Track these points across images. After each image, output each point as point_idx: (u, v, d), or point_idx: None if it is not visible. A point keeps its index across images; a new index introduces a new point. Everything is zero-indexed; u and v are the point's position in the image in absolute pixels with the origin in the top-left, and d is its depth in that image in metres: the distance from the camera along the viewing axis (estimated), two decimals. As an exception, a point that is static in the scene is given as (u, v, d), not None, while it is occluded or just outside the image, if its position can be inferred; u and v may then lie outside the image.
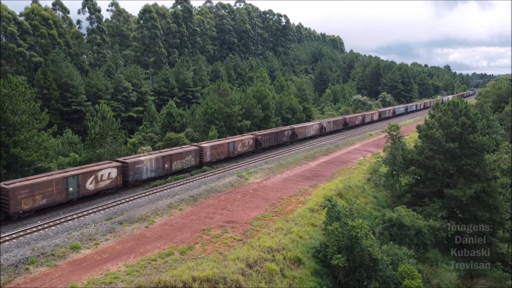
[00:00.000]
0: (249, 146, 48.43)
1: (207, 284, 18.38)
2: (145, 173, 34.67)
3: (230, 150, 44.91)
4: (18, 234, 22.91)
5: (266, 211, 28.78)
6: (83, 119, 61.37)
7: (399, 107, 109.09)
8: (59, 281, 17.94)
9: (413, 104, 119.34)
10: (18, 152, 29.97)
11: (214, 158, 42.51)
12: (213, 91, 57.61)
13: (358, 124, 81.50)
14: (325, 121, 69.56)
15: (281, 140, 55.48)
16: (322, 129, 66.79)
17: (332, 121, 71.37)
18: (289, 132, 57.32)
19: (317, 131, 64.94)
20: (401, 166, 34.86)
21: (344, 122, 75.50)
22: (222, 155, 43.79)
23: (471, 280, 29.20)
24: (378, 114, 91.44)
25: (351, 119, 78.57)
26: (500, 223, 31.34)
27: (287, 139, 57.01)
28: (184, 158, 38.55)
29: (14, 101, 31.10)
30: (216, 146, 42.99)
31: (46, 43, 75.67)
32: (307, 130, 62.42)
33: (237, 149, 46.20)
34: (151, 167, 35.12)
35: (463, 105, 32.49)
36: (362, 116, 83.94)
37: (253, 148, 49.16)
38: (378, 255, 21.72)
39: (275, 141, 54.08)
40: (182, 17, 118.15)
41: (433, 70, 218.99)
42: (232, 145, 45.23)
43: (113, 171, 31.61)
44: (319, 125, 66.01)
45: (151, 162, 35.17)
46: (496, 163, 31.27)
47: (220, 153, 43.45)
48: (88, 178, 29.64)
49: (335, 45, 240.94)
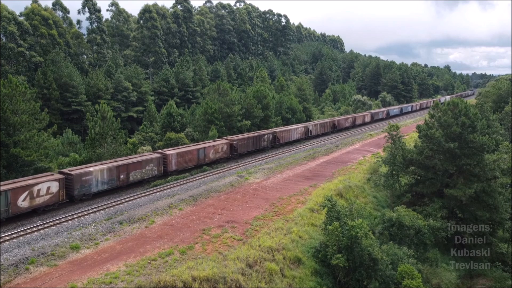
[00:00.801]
0: (223, 152, 44.21)
1: (207, 284, 18.39)
2: (95, 186, 30.62)
3: (200, 157, 40.79)
4: (18, 234, 22.91)
5: (266, 211, 28.79)
6: (83, 119, 61.41)
7: (393, 108, 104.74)
8: (59, 281, 17.95)
9: (408, 105, 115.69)
10: (18, 152, 30.00)
11: (180, 167, 38.62)
12: (213, 91, 57.66)
13: (348, 127, 77.49)
14: (311, 123, 65.66)
15: (260, 145, 51.13)
16: (308, 133, 62.64)
17: (319, 123, 67.14)
18: (269, 136, 53.19)
19: (302, 134, 60.70)
20: (401, 166, 34.88)
21: (332, 125, 71.42)
22: (190, 163, 39.85)
23: (471, 280, 29.22)
24: (370, 116, 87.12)
25: (340, 122, 74.42)
26: (500, 223, 31.36)
27: (267, 144, 52.93)
28: (144, 168, 34.75)
29: (14, 101, 31.14)
30: (183, 153, 38.92)
31: (46, 43, 75.72)
32: (290, 133, 57.92)
33: (209, 155, 42.07)
34: (102, 178, 31.12)
35: (463, 105, 32.51)
36: (353, 118, 79.81)
37: (227, 154, 45.00)
38: (378, 255, 21.75)
39: (253, 146, 49.74)
40: (182, 17, 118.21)
41: (433, 70, 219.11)
42: (202, 151, 41.09)
43: (53, 184, 27.51)
44: (304, 128, 61.63)
45: (102, 173, 31.10)
46: (496, 163, 31.30)
47: (188, 161, 39.47)
48: (20, 194, 25.56)
49: (335, 45, 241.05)
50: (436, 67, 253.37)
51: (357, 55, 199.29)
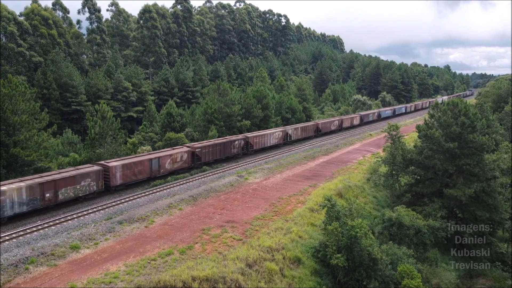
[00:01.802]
0: (183, 161, 39.27)
1: (207, 283, 18.40)
2: (9, 208, 25.34)
3: (153, 169, 35.97)
4: (18, 234, 22.94)
5: (266, 211, 28.80)
6: (83, 119, 61.45)
7: (385, 109, 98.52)
8: (59, 280, 17.96)
9: (402, 106, 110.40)
10: (18, 152, 30.03)
11: (128, 180, 33.80)
12: (213, 91, 57.66)
13: (334, 130, 71.84)
14: (290, 127, 59.69)
15: (229, 152, 46.05)
16: (287, 137, 57.36)
17: (299, 127, 61.48)
18: (240, 142, 48.01)
19: (280, 139, 55.50)
20: (401, 166, 34.89)
21: (315, 128, 65.87)
22: (141, 175, 35.00)
23: (470, 279, 29.22)
24: (359, 118, 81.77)
25: (325, 125, 68.61)
26: (499, 222, 31.36)
27: (238, 151, 47.71)
28: (79, 183, 29.71)
29: (14, 101, 31.18)
30: (131, 165, 33.96)
31: (46, 43, 75.75)
32: (266, 139, 52.54)
33: (165, 166, 37.26)
34: (20, 198, 25.92)
35: (463, 105, 32.52)
36: (339, 120, 74.04)
37: (188, 163, 39.99)
38: (378, 254, 21.75)
39: (221, 153, 44.70)
40: (182, 17, 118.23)
41: (433, 70, 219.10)
42: (156, 162, 36.24)
43: None
44: (283, 133, 56.37)
45: (20, 192, 25.93)
46: (495, 163, 31.30)
47: (138, 173, 34.61)
48: None
49: (335, 45, 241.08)
50: (436, 67, 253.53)
51: (357, 55, 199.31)
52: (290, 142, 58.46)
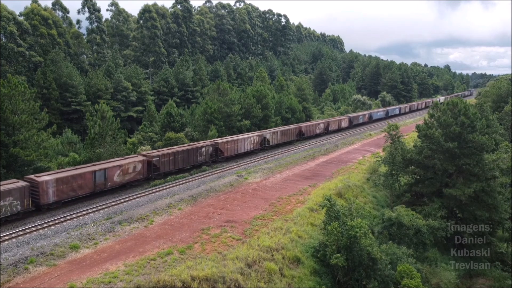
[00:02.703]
0: (137, 172, 34.45)
1: (206, 283, 18.39)
2: None
3: (97, 182, 30.89)
4: (18, 233, 22.94)
5: (266, 211, 28.80)
6: (83, 119, 61.43)
7: (378, 111, 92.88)
8: (58, 280, 17.95)
9: (396, 107, 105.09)
10: (17, 152, 30.00)
11: (64, 197, 28.65)
12: (213, 91, 57.65)
13: (319, 134, 66.19)
14: (268, 131, 54.31)
15: (194, 161, 40.79)
16: (265, 142, 52.31)
17: (279, 131, 55.77)
18: (208, 149, 42.64)
19: (256, 145, 50.15)
20: (401, 165, 34.90)
21: (298, 132, 60.33)
22: (81, 190, 29.79)
23: (470, 279, 29.23)
24: (348, 121, 76.59)
25: (308, 128, 63.03)
26: (499, 222, 31.37)
27: (205, 159, 42.27)
28: None
29: (14, 101, 31.15)
30: (69, 179, 28.84)
31: (46, 43, 75.71)
32: (239, 144, 47.26)
33: (113, 178, 32.13)
34: None
35: (462, 105, 32.53)
36: (325, 123, 68.18)
37: (143, 174, 35.22)
38: (377, 254, 21.76)
39: (184, 162, 39.48)
40: (182, 17, 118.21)
41: (433, 70, 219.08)
42: (101, 174, 31.12)
43: None
44: (259, 137, 50.93)
45: None
46: (495, 162, 31.31)
47: (78, 188, 29.51)
48: None
49: (335, 45, 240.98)
50: (436, 67, 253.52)
51: (357, 55, 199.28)
52: (268, 148, 53.11)
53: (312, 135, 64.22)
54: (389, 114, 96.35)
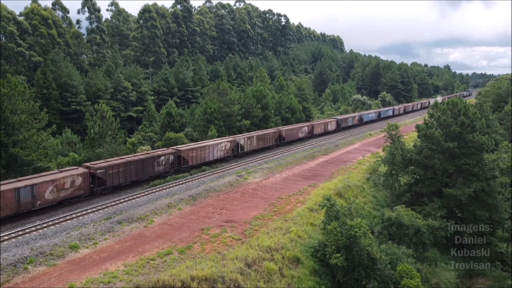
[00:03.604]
0: (76, 187, 29.41)
1: (206, 283, 18.38)
2: None
3: (22, 201, 25.71)
4: (17, 233, 22.93)
5: (265, 211, 28.79)
6: (83, 118, 61.44)
7: (368, 112, 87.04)
8: (58, 280, 17.94)
9: (389, 109, 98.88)
10: (17, 151, 29.98)
11: None
12: (213, 91, 57.65)
13: (302, 138, 60.91)
14: (242, 136, 49.11)
15: (151, 171, 35.75)
16: (238, 148, 47.38)
17: (255, 136, 50.04)
18: (169, 158, 37.51)
19: (227, 152, 45.17)
20: (400, 165, 34.89)
21: (278, 136, 55.12)
22: (2, 212, 24.59)
23: (470, 279, 29.21)
24: (335, 123, 71.44)
25: (289, 132, 57.42)
26: (499, 222, 31.35)
27: (165, 169, 37.19)
28: None
29: (13, 100, 31.13)
30: None
31: (46, 43, 75.72)
32: (206, 152, 41.98)
33: (43, 196, 27.12)
34: None
35: (462, 105, 32.52)
36: (309, 126, 62.92)
37: (85, 190, 30.08)
38: (377, 254, 21.75)
39: (138, 174, 34.43)
40: (182, 17, 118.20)
41: (433, 70, 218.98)
42: (26, 192, 26.04)
43: None
44: (231, 143, 45.90)
45: None
46: (495, 162, 31.30)
47: None
48: None
49: (335, 45, 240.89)
50: (436, 67, 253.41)
51: (357, 54, 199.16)
52: (242, 155, 48.24)
53: (295, 139, 59.04)
54: (381, 116, 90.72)
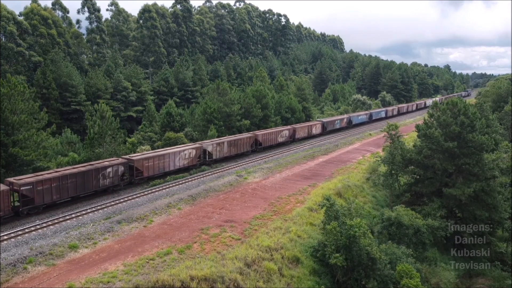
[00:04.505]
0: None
1: (205, 283, 18.37)
2: None
3: None
4: (17, 233, 22.90)
5: (265, 211, 28.77)
6: (83, 118, 61.44)
7: (358, 114, 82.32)
8: (57, 280, 17.93)
9: (382, 110, 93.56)
10: (17, 151, 29.98)
11: None
12: (213, 91, 57.66)
13: (282, 143, 55.83)
14: (210, 142, 43.33)
15: (96, 185, 30.92)
16: (205, 156, 42.28)
17: (226, 141, 44.84)
18: (118, 169, 32.44)
19: (192, 160, 39.98)
20: (400, 165, 34.88)
21: (254, 142, 50.08)
22: None
23: (470, 279, 29.22)
24: (321, 126, 66.09)
25: (267, 137, 52.31)
26: (499, 222, 31.36)
27: (113, 181, 32.25)
28: None
29: (13, 100, 31.12)
30: None
31: (46, 42, 75.70)
32: (165, 161, 37.05)
33: None
34: None
35: (462, 105, 32.52)
36: (291, 130, 57.57)
37: (4, 211, 24.68)
38: (376, 254, 21.74)
39: (78, 189, 29.46)
40: (182, 17, 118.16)
41: (433, 70, 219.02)
42: None
43: None
44: (197, 150, 40.79)
45: None
46: (495, 162, 31.31)
47: None
48: None
49: (335, 45, 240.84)
50: (436, 66, 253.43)
51: (357, 54, 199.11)
52: (210, 162, 42.82)
53: (273, 144, 53.85)
54: (372, 117, 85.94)
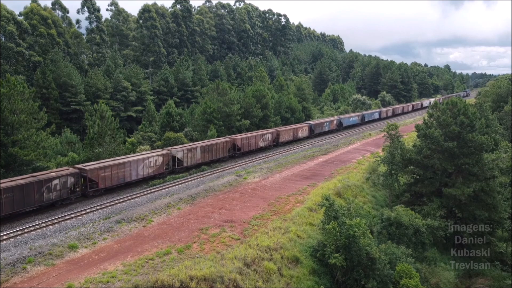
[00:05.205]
0: None
1: (205, 283, 18.37)
2: None
3: None
4: (16, 233, 22.89)
5: (265, 211, 28.76)
6: (82, 118, 61.41)
7: (350, 116, 78.04)
8: (56, 280, 17.92)
9: (375, 111, 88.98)
10: (16, 151, 29.94)
11: None
12: (212, 91, 57.61)
13: (265, 147, 51.69)
14: (181, 148, 39.06)
15: (39, 200, 26.34)
16: (175, 163, 37.70)
17: (199, 147, 40.53)
18: (66, 181, 27.72)
19: (158, 168, 35.61)
20: (400, 165, 34.88)
21: (232, 146, 45.67)
22: None
23: (469, 279, 29.20)
24: (308, 129, 62.04)
25: (247, 141, 47.94)
26: (498, 222, 31.33)
27: (61, 195, 27.61)
28: None
29: (13, 100, 31.08)
30: None
31: (45, 42, 75.67)
32: (127, 170, 32.57)
33: None
34: None
35: (462, 105, 32.51)
36: (274, 133, 53.49)
37: None
38: (376, 254, 21.74)
39: (17, 204, 25.07)
40: (182, 17, 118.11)
41: (433, 70, 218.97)
42: None
43: None
44: (165, 157, 36.22)
45: None
46: (494, 162, 31.29)
47: None
48: None
49: (335, 45, 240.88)
50: (436, 66, 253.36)
51: (357, 54, 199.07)
52: (181, 170, 38.55)
53: (254, 149, 49.47)
54: (365, 119, 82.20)
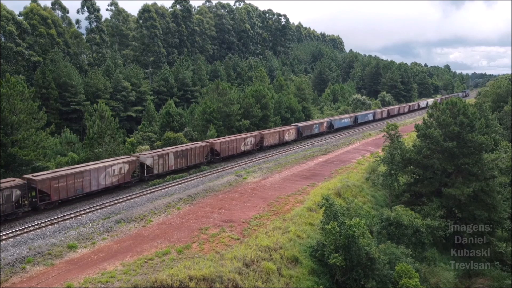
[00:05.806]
0: None
1: (204, 283, 18.36)
2: None
3: None
4: (15, 233, 22.88)
5: (264, 211, 28.74)
6: (82, 118, 61.40)
7: (342, 117, 74.77)
8: (56, 280, 17.91)
9: (369, 112, 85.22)
10: (16, 151, 29.91)
11: None
12: (212, 91, 57.61)
13: (247, 151, 48.05)
14: (151, 154, 35.97)
15: None
16: (144, 171, 34.90)
17: (171, 152, 37.40)
18: (10, 194, 24.54)
19: (123, 177, 32.67)
20: (400, 165, 34.87)
21: (209, 151, 42.17)
22: None
23: (469, 279, 29.19)
24: (296, 132, 58.38)
25: (226, 145, 44.24)
26: (498, 222, 31.32)
27: (5, 210, 24.45)
28: None
29: (12, 100, 31.03)
30: None
31: (45, 42, 75.65)
32: (85, 179, 29.50)
33: None
34: None
35: (461, 105, 32.50)
36: (257, 136, 49.91)
37: None
38: (375, 254, 21.73)
39: None
40: (182, 17, 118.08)
41: (432, 70, 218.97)
42: None
43: None
44: (131, 165, 33.30)
45: None
46: (494, 162, 31.28)
47: None
48: None
49: (335, 45, 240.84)
50: (436, 66, 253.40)
51: (357, 54, 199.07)
52: (151, 178, 35.68)
53: (235, 154, 45.88)
54: (358, 121, 78.81)
